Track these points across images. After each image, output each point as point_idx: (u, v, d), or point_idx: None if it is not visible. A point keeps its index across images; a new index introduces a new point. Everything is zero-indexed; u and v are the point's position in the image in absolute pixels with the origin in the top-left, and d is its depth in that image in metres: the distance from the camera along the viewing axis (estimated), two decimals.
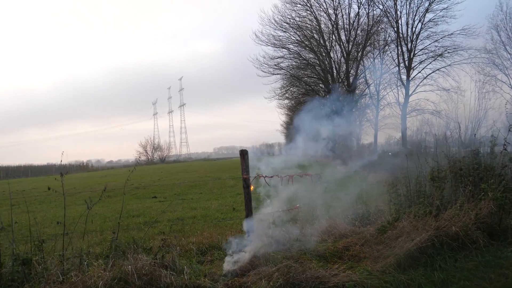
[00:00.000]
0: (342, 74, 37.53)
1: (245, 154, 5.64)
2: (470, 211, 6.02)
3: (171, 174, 34.44)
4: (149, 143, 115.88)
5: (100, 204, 13.82)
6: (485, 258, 5.32)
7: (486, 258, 5.32)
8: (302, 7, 35.47)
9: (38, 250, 5.23)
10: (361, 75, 37.53)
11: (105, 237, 7.68)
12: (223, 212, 10.70)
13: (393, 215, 6.44)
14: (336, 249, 5.70)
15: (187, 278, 4.34)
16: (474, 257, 5.36)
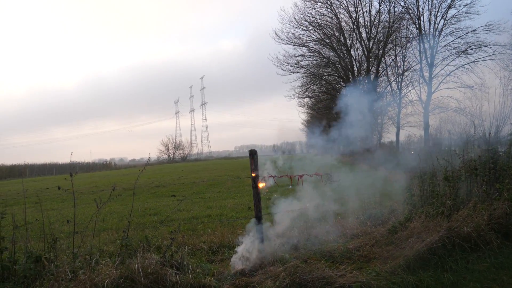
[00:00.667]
0: (363, 72, 37.15)
1: (254, 154, 5.65)
2: (483, 212, 5.91)
3: (191, 173, 34.71)
4: (171, 141, 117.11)
5: (119, 203, 14.06)
6: (498, 259, 5.22)
7: (499, 259, 5.21)
8: (323, 5, 35.27)
9: (52, 248, 5.34)
10: (383, 73, 37.16)
11: (120, 235, 7.79)
12: (238, 211, 10.73)
13: (405, 215, 6.36)
14: (346, 249, 5.65)
15: (192, 277, 4.37)
16: (487, 258, 5.25)
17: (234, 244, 6.58)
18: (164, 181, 24.88)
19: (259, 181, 5.75)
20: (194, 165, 61.97)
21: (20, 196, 19.39)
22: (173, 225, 8.76)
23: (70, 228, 6.31)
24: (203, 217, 10.00)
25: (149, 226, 8.93)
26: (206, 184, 20.73)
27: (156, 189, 19.76)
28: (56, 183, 19.61)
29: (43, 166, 73.80)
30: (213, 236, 7.28)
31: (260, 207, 5.69)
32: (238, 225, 8.32)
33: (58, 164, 75.85)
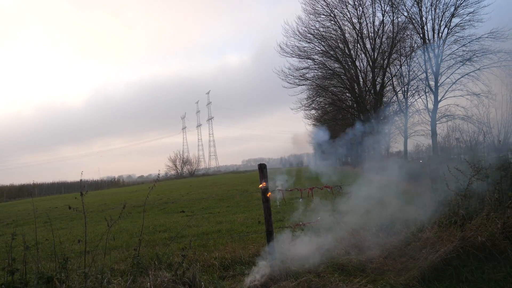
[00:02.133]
0: (369, 82, 37.16)
1: (263, 168, 5.63)
2: (497, 220, 5.82)
3: (199, 188, 34.69)
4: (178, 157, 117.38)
5: (128, 221, 14.05)
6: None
7: None
8: (326, 17, 35.48)
9: (62, 268, 5.32)
10: (388, 83, 37.14)
11: (130, 253, 7.76)
12: (248, 226, 10.67)
13: (417, 226, 6.28)
14: (359, 262, 5.58)
15: None
16: (503, 267, 5.17)
17: (246, 259, 6.53)
18: (173, 197, 24.88)
19: (268, 193, 5.71)
20: (202, 180, 61.96)
21: (30, 216, 19.45)
22: (184, 242, 8.71)
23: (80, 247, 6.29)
24: (213, 233, 9.95)
25: (160, 243, 8.89)
26: (215, 199, 20.69)
27: (165, 206, 19.75)
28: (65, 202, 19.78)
29: (52, 185, 74.16)
30: (224, 251, 7.22)
31: (271, 222, 5.65)
32: (249, 240, 8.26)
33: (67, 183, 76.21)
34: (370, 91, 36.79)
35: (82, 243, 5.36)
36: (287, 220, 9.79)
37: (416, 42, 34.84)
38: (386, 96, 37.98)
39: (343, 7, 34.89)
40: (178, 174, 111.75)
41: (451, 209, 6.28)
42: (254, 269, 5.80)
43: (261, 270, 5.61)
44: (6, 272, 5.33)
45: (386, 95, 37.91)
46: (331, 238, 6.43)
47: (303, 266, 5.65)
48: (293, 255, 6.17)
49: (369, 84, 36.96)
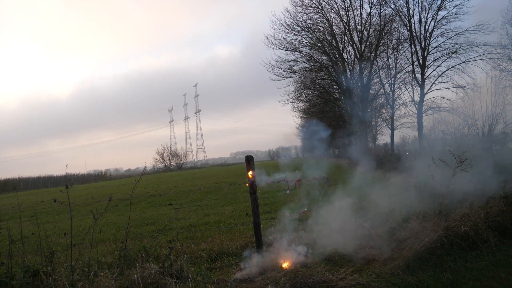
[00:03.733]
0: (356, 75, 37.27)
1: (250, 160, 5.64)
2: (480, 210, 5.93)
3: (187, 181, 34.62)
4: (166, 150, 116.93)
5: (115, 213, 14.00)
6: (496, 257, 5.24)
7: (497, 257, 5.24)
8: (314, 9, 35.39)
9: (49, 261, 5.29)
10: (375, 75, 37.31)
11: (117, 246, 7.74)
12: (236, 218, 10.69)
13: (403, 216, 6.36)
14: (345, 252, 5.64)
15: (192, 285, 4.35)
16: (485, 256, 5.28)
17: (233, 251, 6.56)
18: (161, 190, 24.80)
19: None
20: (190, 173, 61.83)
21: (14, 210, 19.24)
22: (171, 234, 8.71)
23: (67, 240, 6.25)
24: (201, 225, 9.95)
25: (147, 236, 8.87)
26: (203, 192, 20.69)
27: (153, 198, 19.70)
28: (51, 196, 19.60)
29: (37, 179, 73.41)
30: (212, 243, 7.24)
31: (258, 213, 5.68)
32: (237, 231, 8.28)
33: (53, 177, 75.45)
34: (357, 83, 36.91)
35: (68, 236, 5.34)
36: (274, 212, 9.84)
37: (403, 35, 35.08)
38: (373, 88, 38.13)
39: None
40: (166, 167, 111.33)
41: (436, 200, 6.36)
42: (242, 261, 5.84)
43: (249, 261, 5.65)
44: None
45: (373, 87, 38.07)
46: (318, 228, 6.48)
47: (290, 257, 5.69)
48: (280, 247, 6.22)
49: (356, 77, 37.07)
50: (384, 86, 37.63)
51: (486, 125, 28.44)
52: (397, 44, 35.44)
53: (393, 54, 36.20)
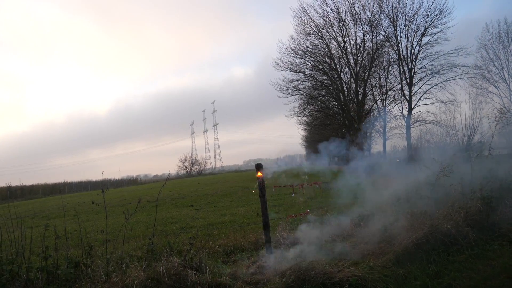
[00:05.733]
0: (352, 92, 37.26)
1: (260, 167, 5.65)
2: (460, 210, 5.87)
3: (206, 185, 34.63)
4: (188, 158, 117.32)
5: (144, 213, 14.06)
6: (474, 251, 5.21)
7: (475, 251, 5.21)
8: (315, 36, 35.64)
9: (88, 254, 5.35)
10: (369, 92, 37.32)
11: (146, 241, 7.76)
12: (248, 218, 10.67)
13: (393, 216, 6.31)
14: (342, 248, 5.60)
15: (210, 277, 4.35)
16: (465, 250, 5.24)
17: (246, 246, 6.55)
18: (183, 193, 24.84)
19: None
20: (208, 179, 61.85)
21: (60, 210, 19.44)
22: (192, 232, 8.72)
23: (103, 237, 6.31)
24: (217, 224, 9.95)
25: (171, 233, 8.90)
26: (220, 195, 20.68)
27: (176, 200, 19.74)
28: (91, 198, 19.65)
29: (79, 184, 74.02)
30: (227, 240, 7.24)
31: (267, 214, 5.67)
32: (249, 229, 8.26)
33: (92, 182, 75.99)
34: (354, 99, 36.88)
35: (104, 233, 5.39)
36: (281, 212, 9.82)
37: (392, 58, 35.29)
38: (367, 104, 38.12)
39: (330, 27, 35.10)
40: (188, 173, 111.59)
41: (422, 201, 6.30)
42: (253, 255, 5.84)
43: (259, 255, 5.65)
44: (41, 257, 5.37)
45: (367, 103, 38.08)
46: (319, 227, 6.45)
47: (295, 252, 5.67)
48: (286, 243, 6.21)
49: (353, 94, 37.06)
50: (377, 102, 37.70)
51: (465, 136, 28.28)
52: (387, 66, 35.65)
53: (384, 74, 36.32)
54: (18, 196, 53.31)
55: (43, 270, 5.33)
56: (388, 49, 35.08)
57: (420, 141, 31.14)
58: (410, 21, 33.05)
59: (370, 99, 38.27)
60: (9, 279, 5.02)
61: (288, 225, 6.85)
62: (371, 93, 37.60)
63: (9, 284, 4.92)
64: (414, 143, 32.01)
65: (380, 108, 37.24)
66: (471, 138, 27.90)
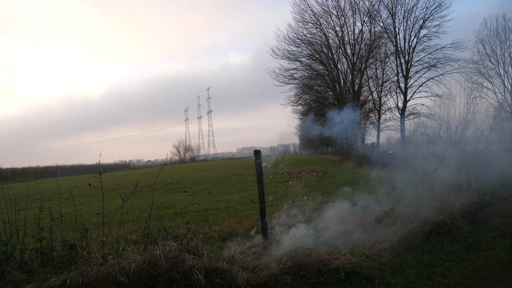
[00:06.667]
0: (348, 83, 37.21)
1: (258, 153, 5.64)
2: (455, 202, 5.93)
3: (200, 172, 34.63)
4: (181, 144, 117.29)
5: (138, 198, 14.00)
6: (468, 242, 5.30)
7: (469, 242, 5.30)
8: (313, 25, 35.34)
9: (83, 237, 5.33)
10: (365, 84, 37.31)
11: (141, 226, 7.77)
12: (243, 204, 10.69)
13: (389, 206, 6.35)
14: (338, 236, 5.63)
15: (207, 261, 4.35)
16: (459, 241, 5.32)
17: (241, 232, 6.56)
18: (177, 179, 24.81)
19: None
20: (202, 165, 61.85)
21: (53, 193, 19.34)
22: (187, 217, 8.72)
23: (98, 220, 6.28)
24: (212, 210, 9.96)
25: (166, 218, 8.89)
26: (214, 181, 20.69)
27: (170, 186, 19.73)
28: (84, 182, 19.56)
29: (72, 167, 73.73)
30: (222, 225, 7.25)
31: (264, 200, 5.67)
32: (244, 216, 8.28)
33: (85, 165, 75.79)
34: (349, 90, 36.85)
35: (100, 216, 5.37)
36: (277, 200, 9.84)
37: (389, 49, 35.19)
38: (363, 95, 38.12)
39: (328, 16, 34.80)
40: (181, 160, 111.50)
41: (418, 192, 6.35)
42: (249, 241, 5.85)
43: (255, 241, 5.66)
44: (35, 239, 5.34)
45: (363, 94, 38.08)
46: (315, 215, 6.48)
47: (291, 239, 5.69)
48: (282, 230, 6.22)
49: (349, 85, 37.02)
50: (372, 93, 37.65)
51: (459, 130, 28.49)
52: (384, 57, 35.55)
53: (380, 65, 36.27)
54: (9, 179, 52.90)
55: (38, 252, 5.31)
56: (385, 41, 34.96)
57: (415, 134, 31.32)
58: (409, 13, 32.91)
59: (366, 90, 38.28)
60: (3, 260, 4.99)
61: (284, 212, 6.86)
62: (367, 84, 37.60)
63: (3, 265, 4.90)
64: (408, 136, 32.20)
65: (376, 99, 37.28)
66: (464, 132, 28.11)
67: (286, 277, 4.36)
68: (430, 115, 33.00)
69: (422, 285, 4.10)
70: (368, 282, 4.22)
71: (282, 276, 4.37)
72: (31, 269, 5.02)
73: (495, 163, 7.53)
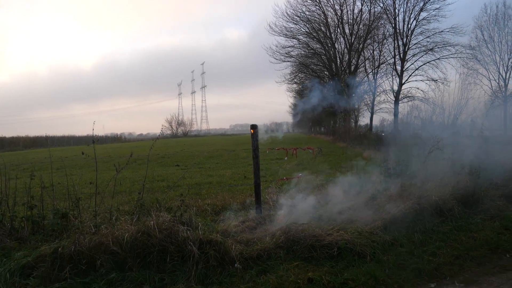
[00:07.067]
0: (345, 63, 37.00)
1: (255, 128, 5.58)
2: (448, 184, 5.98)
3: (192, 147, 34.56)
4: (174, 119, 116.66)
5: (130, 170, 13.97)
6: (458, 223, 5.39)
7: (459, 223, 5.39)
8: (312, 2, 34.72)
9: (75, 206, 5.29)
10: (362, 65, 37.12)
11: (133, 197, 7.74)
12: (236, 179, 10.71)
13: (383, 186, 6.38)
14: (331, 213, 5.66)
15: (202, 233, 4.35)
16: (449, 222, 5.42)
17: (234, 207, 6.57)
18: (169, 153, 24.73)
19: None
20: (194, 140, 61.69)
21: (43, 163, 19.19)
22: (180, 190, 8.70)
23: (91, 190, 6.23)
24: (205, 184, 9.96)
25: (158, 191, 8.88)
26: (206, 157, 20.66)
27: (162, 160, 19.67)
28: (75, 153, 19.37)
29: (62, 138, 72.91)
30: (216, 199, 7.25)
31: (259, 175, 5.66)
32: (237, 191, 8.29)
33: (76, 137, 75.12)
34: (346, 70, 36.67)
35: (93, 185, 5.31)
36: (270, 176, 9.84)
37: (388, 31, 34.86)
38: (359, 76, 37.95)
39: None
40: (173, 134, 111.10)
41: (413, 173, 6.38)
42: (242, 215, 5.86)
43: (248, 215, 5.67)
44: (26, 207, 5.28)
45: (359, 75, 37.90)
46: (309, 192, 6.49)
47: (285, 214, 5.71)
48: (275, 206, 6.24)
49: (345, 65, 36.82)
50: (368, 75, 37.56)
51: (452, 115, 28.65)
52: (382, 39, 35.20)
53: (378, 47, 35.98)
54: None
55: (28, 220, 5.26)
56: (384, 22, 34.56)
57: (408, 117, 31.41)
58: None
59: (362, 71, 38.10)
60: None
61: (279, 188, 6.87)
62: (363, 65, 37.41)
63: None
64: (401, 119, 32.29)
65: (371, 81, 37.19)
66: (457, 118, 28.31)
67: (279, 251, 4.38)
68: (424, 99, 33.09)
69: (413, 263, 4.16)
70: (360, 258, 4.26)
71: (275, 250, 4.39)
72: (21, 237, 4.99)
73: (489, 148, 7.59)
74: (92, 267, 3.98)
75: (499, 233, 5.04)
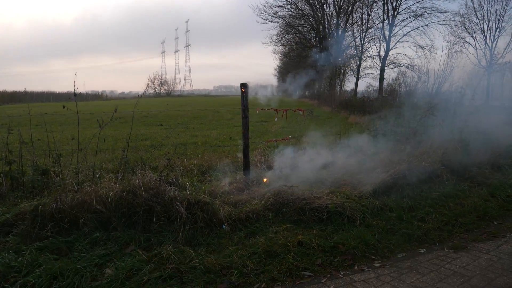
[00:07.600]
0: (333, 26, 36.30)
1: (245, 87, 5.35)
2: (438, 150, 5.96)
3: (175, 106, 33.96)
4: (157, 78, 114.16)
5: (112, 128, 13.60)
6: (446, 189, 5.37)
7: (447, 189, 5.37)
8: None
9: (56, 163, 5.06)
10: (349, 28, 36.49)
11: (116, 155, 7.52)
12: (221, 140, 10.55)
13: (372, 151, 6.32)
14: (319, 176, 5.59)
15: (189, 193, 4.21)
16: (437, 188, 5.40)
17: (221, 167, 6.43)
18: (152, 113, 24.23)
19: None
20: (177, 100, 60.68)
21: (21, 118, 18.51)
22: (164, 149, 8.50)
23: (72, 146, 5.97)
24: (190, 144, 9.77)
25: (142, 150, 8.64)
26: (190, 117, 20.34)
27: (145, 119, 19.28)
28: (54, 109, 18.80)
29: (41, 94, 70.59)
30: (202, 160, 7.09)
31: (248, 136, 5.49)
32: (223, 151, 8.15)
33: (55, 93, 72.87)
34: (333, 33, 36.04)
35: (75, 141, 5.07)
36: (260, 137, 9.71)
37: None
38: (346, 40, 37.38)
39: None
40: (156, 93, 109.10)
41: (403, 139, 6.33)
42: (229, 176, 5.74)
43: (236, 177, 5.56)
44: (4, 162, 5.03)
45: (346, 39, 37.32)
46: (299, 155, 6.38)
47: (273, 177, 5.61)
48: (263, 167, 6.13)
49: (333, 28, 36.14)
50: (355, 39, 36.97)
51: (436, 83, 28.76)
52: (372, 2, 34.44)
53: (367, 10, 35.24)
54: None
55: (7, 175, 5.03)
56: None
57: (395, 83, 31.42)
58: None
59: (350, 35, 37.51)
60: None
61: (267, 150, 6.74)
62: (351, 29, 36.78)
63: None
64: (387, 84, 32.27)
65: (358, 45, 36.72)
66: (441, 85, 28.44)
67: (268, 213, 4.30)
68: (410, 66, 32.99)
69: (402, 228, 4.14)
70: (349, 222, 4.22)
71: (264, 212, 4.31)
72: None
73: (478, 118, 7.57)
74: (75, 226, 3.83)
75: (486, 200, 5.07)
